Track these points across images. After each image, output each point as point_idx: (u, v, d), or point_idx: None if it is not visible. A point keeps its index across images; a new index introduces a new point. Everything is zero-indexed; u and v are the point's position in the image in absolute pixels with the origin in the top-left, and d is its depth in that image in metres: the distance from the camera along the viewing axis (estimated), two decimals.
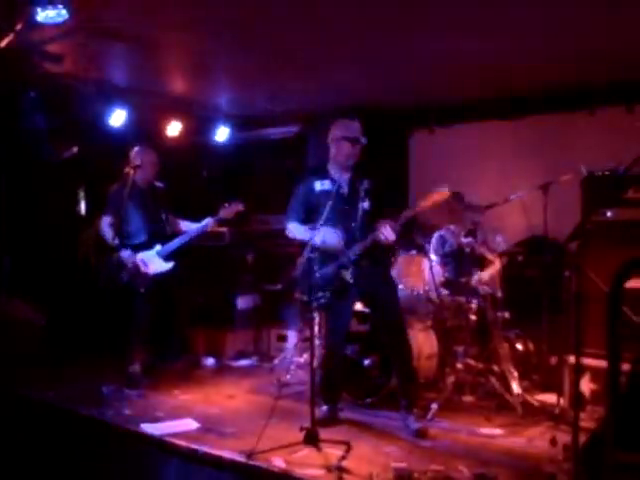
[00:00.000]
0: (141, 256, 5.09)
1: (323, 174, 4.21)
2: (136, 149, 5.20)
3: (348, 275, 4.01)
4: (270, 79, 5.60)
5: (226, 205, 5.18)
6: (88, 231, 6.25)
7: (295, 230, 4.23)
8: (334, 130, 4.18)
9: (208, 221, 5.22)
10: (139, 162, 5.12)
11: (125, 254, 5.02)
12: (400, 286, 4.74)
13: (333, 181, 4.13)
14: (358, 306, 4.55)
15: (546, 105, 5.76)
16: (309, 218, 4.18)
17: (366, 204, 4.09)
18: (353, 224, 4.08)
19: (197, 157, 7.03)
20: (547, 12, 4.01)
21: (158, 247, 5.17)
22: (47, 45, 4.57)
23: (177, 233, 5.28)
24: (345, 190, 4.15)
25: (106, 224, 5.12)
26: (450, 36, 4.49)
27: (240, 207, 5.23)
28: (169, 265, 5.17)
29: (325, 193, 4.10)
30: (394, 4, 3.96)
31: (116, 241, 4.99)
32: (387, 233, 3.86)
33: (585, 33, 4.36)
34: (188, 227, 5.35)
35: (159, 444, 3.68)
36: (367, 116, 4.71)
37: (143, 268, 5.06)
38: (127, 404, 4.42)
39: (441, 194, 3.85)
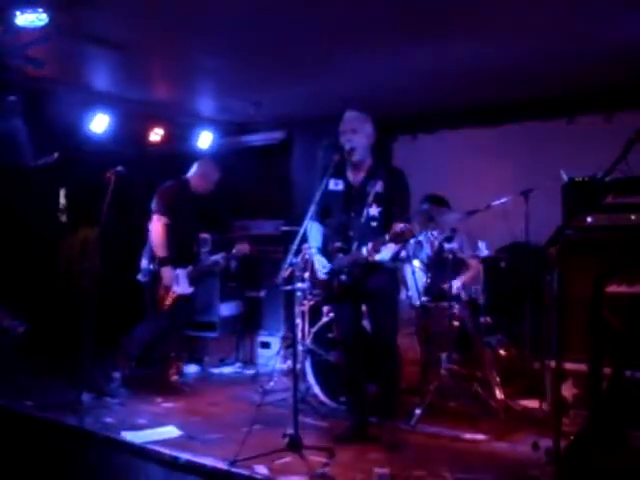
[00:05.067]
0: (177, 273, 4.85)
1: (340, 173, 3.78)
2: (205, 160, 5.08)
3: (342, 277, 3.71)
4: (255, 85, 5.59)
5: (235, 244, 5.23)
6: (71, 237, 6.17)
7: (309, 232, 3.83)
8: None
9: (222, 255, 5.19)
10: (202, 172, 4.99)
11: (168, 272, 4.73)
12: None
13: (346, 182, 3.78)
14: None
15: (526, 113, 5.81)
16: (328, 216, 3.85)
17: (373, 210, 3.62)
18: (351, 232, 3.69)
19: (180, 163, 7.00)
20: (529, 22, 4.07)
21: (190, 268, 4.97)
22: (28, 49, 4.52)
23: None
24: (354, 193, 3.74)
25: (161, 225, 4.75)
26: (433, 52, 4.61)
27: (247, 250, 5.24)
28: (191, 290, 4.97)
29: (334, 195, 3.76)
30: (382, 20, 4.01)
31: (165, 253, 4.72)
32: (369, 250, 3.52)
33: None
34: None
35: (140, 452, 3.63)
36: None
37: (174, 287, 4.82)
38: (108, 412, 4.36)
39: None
